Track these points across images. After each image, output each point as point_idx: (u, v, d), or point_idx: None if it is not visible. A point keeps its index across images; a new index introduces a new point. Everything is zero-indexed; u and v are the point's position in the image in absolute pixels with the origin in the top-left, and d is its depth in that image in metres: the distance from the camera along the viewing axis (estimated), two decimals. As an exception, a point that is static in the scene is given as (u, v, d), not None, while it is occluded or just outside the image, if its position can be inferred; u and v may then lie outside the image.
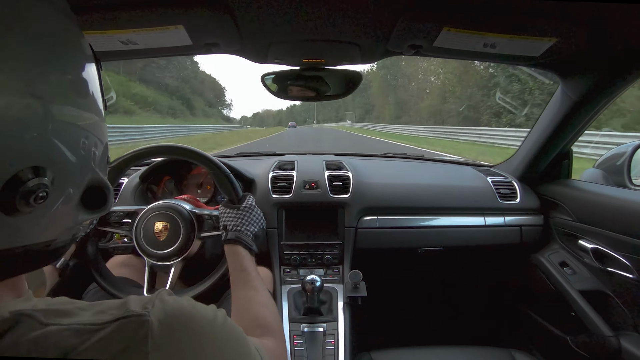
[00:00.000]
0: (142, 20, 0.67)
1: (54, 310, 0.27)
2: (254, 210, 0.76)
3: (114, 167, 0.76)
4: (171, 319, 0.29)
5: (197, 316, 0.31)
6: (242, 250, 0.69)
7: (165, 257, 0.74)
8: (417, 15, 0.68)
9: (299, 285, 0.96)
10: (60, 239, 0.32)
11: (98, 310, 0.28)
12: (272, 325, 0.58)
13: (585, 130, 1.05)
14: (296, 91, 0.98)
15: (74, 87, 0.30)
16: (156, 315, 0.28)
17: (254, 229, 0.74)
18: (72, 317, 0.27)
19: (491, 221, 1.13)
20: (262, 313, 0.59)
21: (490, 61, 0.92)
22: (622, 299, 0.93)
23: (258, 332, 0.55)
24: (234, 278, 0.66)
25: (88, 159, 0.31)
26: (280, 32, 0.76)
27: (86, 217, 0.34)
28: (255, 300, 0.62)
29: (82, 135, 0.30)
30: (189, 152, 0.79)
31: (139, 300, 0.30)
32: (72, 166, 0.29)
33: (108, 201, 0.35)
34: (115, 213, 0.78)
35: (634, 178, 1.03)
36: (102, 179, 0.34)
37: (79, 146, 0.30)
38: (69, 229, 0.33)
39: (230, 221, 0.73)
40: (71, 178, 0.30)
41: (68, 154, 0.29)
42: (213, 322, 0.32)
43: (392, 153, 1.56)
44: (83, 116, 0.31)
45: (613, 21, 0.67)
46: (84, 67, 0.32)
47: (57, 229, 0.31)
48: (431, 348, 0.89)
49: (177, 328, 0.29)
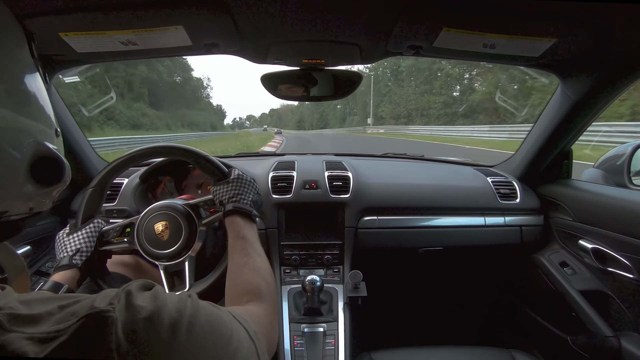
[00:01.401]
0: (142, 20, 0.67)
1: (21, 315, 0.26)
2: (243, 178, 0.75)
3: (104, 174, 0.76)
4: (134, 314, 0.28)
5: (164, 311, 0.30)
6: (240, 219, 0.68)
7: (175, 255, 0.74)
8: (416, 16, 0.68)
9: (299, 286, 0.96)
10: (13, 212, 0.32)
11: (70, 313, 0.27)
12: (261, 290, 0.56)
13: (585, 130, 1.05)
14: (295, 92, 0.98)
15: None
16: (121, 311, 0.27)
17: (250, 196, 0.73)
18: (37, 324, 0.26)
19: (491, 221, 1.13)
20: (252, 279, 0.58)
21: (490, 61, 0.92)
22: (622, 299, 0.93)
23: (245, 298, 0.54)
24: (230, 246, 0.65)
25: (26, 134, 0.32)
26: (280, 32, 0.76)
27: (37, 190, 0.34)
28: (247, 266, 0.60)
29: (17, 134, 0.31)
30: (165, 149, 0.79)
31: (106, 295, 0.29)
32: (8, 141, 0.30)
33: (62, 175, 0.35)
34: (113, 229, 0.78)
35: (634, 178, 1.03)
36: (49, 150, 0.34)
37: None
38: (20, 201, 0.33)
39: (225, 195, 0.72)
40: (8, 152, 0.30)
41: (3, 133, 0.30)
42: (181, 314, 0.31)
43: (392, 153, 1.56)
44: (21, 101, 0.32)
45: (613, 21, 0.67)
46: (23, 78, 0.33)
47: (5, 201, 0.31)
48: (431, 348, 0.89)
49: (142, 324, 0.27)
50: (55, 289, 0.64)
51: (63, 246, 0.72)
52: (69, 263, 0.69)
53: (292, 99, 1.02)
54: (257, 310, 0.51)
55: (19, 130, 0.32)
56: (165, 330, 0.28)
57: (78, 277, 0.69)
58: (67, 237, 0.72)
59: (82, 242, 0.72)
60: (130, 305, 0.28)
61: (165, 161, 1.04)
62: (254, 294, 0.55)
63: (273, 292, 0.59)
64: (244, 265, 0.60)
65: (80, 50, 0.79)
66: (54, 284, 0.65)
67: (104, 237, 0.76)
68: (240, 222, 0.67)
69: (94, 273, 0.73)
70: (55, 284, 0.65)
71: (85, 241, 0.72)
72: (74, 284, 0.68)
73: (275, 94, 0.97)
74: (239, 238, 0.65)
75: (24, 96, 0.34)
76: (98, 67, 1.01)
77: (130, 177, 1.10)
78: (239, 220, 0.68)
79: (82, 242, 0.72)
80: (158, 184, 1.09)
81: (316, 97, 1.00)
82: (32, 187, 0.33)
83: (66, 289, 0.65)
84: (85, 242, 0.72)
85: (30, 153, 0.32)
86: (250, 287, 0.56)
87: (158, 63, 37.97)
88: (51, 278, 0.66)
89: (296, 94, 0.98)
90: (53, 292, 0.64)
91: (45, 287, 0.64)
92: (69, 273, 0.68)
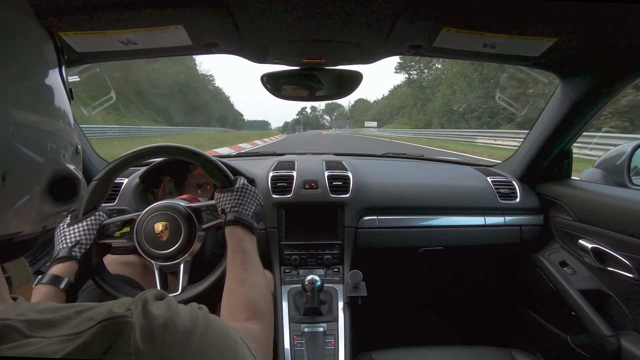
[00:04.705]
0: (142, 20, 0.67)
1: (39, 321, 0.26)
2: (248, 189, 0.75)
3: (103, 175, 0.76)
4: (151, 320, 0.28)
5: (178, 319, 0.30)
6: (240, 231, 0.68)
7: (171, 257, 0.74)
8: (416, 15, 0.68)
9: (299, 285, 0.96)
10: (27, 231, 0.32)
11: (87, 317, 0.27)
12: (260, 309, 0.56)
13: (585, 130, 1.05)
14: (295, 91, 0.98)
15: (34, 94, 0.31)
16: (139, 317, 0.28)
17: (252, 207, 0.73)
18: (56, 328, 0.26)
19: (491, 221, 1.13)
20: (252, 296, 0.58)
21: (490, 61, 0.92)
22: (622, 299, 0.93)
23: (244, 315, 0.54)
24: (230, 258, 0.64)
25: (46, 153, 0.32)
26: (280, 32, 0.76)
27: (54, 209, 0.33)
28: (247, 282, 0.60)
29: (41, 135, 0.31)
30: (173, 149, 0.79)
31: (123, 302, 0.30)
32: (28, 162, 0.30)
33: (78, 193, 0.35)
34: (113, 224, 0.78)
35: (634, 178, 1.03)
36: (68, 170, 0.34)
37: (39, 146, 0.30)
38: (35, 221, 0.32)
39: (227, 204, 0.72)
40: (27, 173, 0.30)
41: (25, 151, 0.29)
42: (195, 324, 0.31)
43: (392, 153, 1.56)
44: (45, 121, 0.31)
45: (612, 21, 0.67)
46: (47, 74, 0.33)
47: (20, 222, 0.31)
48: (431, 348, 0.89)
49: (159, 331, 0.28)
50: (54, 282, 0.64)
51: (63, 237, 0.71)
52: (67, 255, 0.69)
53: (296, 100, 1.02)
54: (256, 330, 0.52)
55: (42, 131, 0.31)
56: (180, 337, 0.29)
57: (76, 269, 0.69)
58: (68, 228, 0.72)
59: (82, 234, 0.72)
60: (147, 312, 0.29)
61: (165, 161, 1.04)
62: (253, 312, 0.55)
63: (271, 311, 0.60)
64: (244, 281, 0.60)
65: (80, 50, 0.79)
66: (52, 277, 0.64)
67: (104, 231, 0.76)
68: (241, 234, 0.67)
69: (91, 267, 0.73)
70: (54, 277, 0.64)
71: (86, 233, 0.72)
72: (73, 277, 0.68)
73: (278, 95, 0.97)
74: (239, 251, 0.65)
75: (48, 97, 0.33)
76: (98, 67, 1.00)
77: (130, 177, 1.10)
78: (239, 231, 0.68)
79: (82, 234, 0.72)
80: (158, 184, 1.09)
81: (317, 96, 1.00)
82: (49, 206, 0.33)
83: (66, 282, 0.65)
84: (85, 233, 0.72)
85: (51, 171, 0.32)
86: (250, 304, 0.57)
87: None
88: (49, 271, 0.66)
89: (301, 94, 0.98)
90: (52, 285, 0.63)
91: (44, 281, 0.64)
92: (68, 265, 0.68)
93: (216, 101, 54.55)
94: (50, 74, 0.34)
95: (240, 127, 68.38)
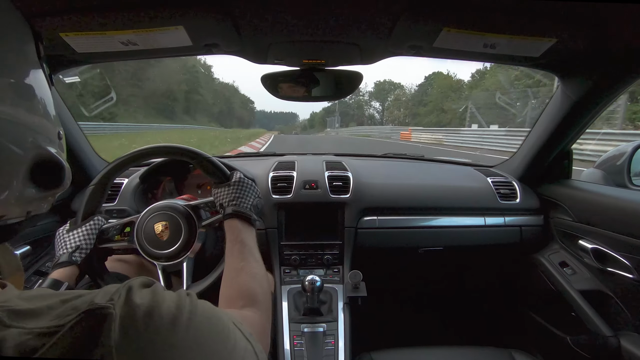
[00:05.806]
0: (142, 20, 0.67)
1: (21, 311, 0.26)
2: (245, 182, 0.75)
3: (100, 178, 0.76)
4: (134, 309, 0.28)
5: (163, 306, 0.29)
6: (239, 223, 0.68)
7: (173, 256, 0.74)
8: (417, 16, 0.68)
9: (299, 285, 0.97)
10: (10, 216, 0.32)
11: (71, 307, 0.27)
12: (257, 296, 0.56)
13: (585, 130, 1.05)
14: (296, 91, 0.98)
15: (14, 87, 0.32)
16: (121, 307, 0.27)
17: (250, 199, 0.73)
18: (38, 319, 0.26)
19: (491, 221, 1.13)
20: (248, 284, 0.58)
21: (490, 62, 0.92)
22: (622, 299, 0.93)
23: (241, 302, 0.54)
24: (228, 249, 0.64)
25: (25, 140, 0.32)
26: (280, 32, 0.76)
27: (37, 194, 0.34)
28: (244, 270, 0.60)
29: (20, 127, 0.31)
30: (166, 148, 0.78)
31: (107, 291, 0.29)
32: (7, 149, 0.30)
33: (62, 179, 0.35)
34: (113, 227, 0.78)
35: (634, 178, 1.03)
36: (49, 154, 0.34)
37: (19, 135, 0.31)
38: (18, 206, 0.33)
39: (225, 198, 0.72)
40: (8, 159, 0.30)
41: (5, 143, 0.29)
42: (181, 310, 0.31)
43: (392, 153, 1.56)
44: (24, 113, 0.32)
45: (613, 22, 0.67)
46: (27, 71, 0.34)
47: (3, 206, 0.31)
48: (431, 348, 0.89)
49: (141, 320, 0.27)
50: (54, 287, 0.64)
51: (63, 243, 0.72)
52: (68, 260, 0.69)
53: (293, 99, 1.02)
54: (252, 316, 0.51)
55: (22, 125, 0.32)
56: (164, 325, 0.28)
57: (77, 274, 0.69)
58: (67, 234, 0.72)
59: (82, 239, 0.72)
60: (130, 301, 0.28)
61: (165, 161, 1.04)
62: (249, 299, 0.55)
63: (268, 299, 0.59)
64: (241, 270, 0.60)
65: (81, 51, 0.79)
66: (53, 282, 0.65)
67: (103, 235, 0.76)
68: (239, 226, 0.67)
69: (93, 271, 0.73)
70: (54, 282, 0.65)
71: (85, 238, 0.72)
72: (73, 281, 0.68)
73: (276, 94, 0.97)
74: (237, 242, 0.65)
75: (28, 93, 0.33)
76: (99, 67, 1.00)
77: (130, 177, 1.10)
78: (238, 224, 0.68)
79: (82, 239, 0.72)
80: (158, 184, 1.09)
81: (318, 97, 1.00)
82: (31, 191, 0.33)
83: (66, 287, 0.65)
84: (85, 239, 0.72)
85: (31, 155, 0.32)
86: (246, 292, 0.56)
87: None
88: (50, 276, 0.66)
89: (297, 93, 0.98)
90: (53, 289, 0.64)
91: (45, 285, 0.64)
92: (68, 270, 0.68)
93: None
94: (30, 67, 0.34)
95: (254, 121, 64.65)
